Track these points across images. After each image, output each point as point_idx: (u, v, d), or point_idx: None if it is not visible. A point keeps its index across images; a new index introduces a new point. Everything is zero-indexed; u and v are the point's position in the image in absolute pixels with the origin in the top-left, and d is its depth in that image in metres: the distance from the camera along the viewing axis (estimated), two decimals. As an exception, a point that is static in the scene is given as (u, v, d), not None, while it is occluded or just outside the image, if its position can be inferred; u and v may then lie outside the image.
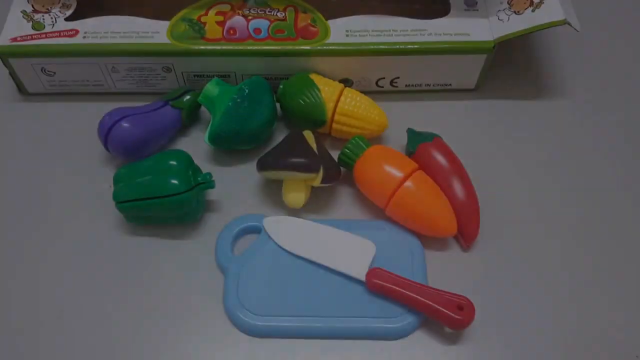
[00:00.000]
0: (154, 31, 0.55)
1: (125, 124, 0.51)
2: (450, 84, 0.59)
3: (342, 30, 0.55)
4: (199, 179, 0.49)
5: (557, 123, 0.58)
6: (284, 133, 0.57)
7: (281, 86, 0.55)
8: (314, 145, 0.50)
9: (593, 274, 0.49)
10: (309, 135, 0.52)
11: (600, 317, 0.47)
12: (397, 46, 0.55)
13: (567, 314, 0.47)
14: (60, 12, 0.57)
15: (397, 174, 0.49)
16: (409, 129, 0.54)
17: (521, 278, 0.49)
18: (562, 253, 0.50)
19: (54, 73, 0.57)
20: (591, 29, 0.64)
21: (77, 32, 0.55)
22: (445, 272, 0.49)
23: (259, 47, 0.54)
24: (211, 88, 0.53)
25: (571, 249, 0.50)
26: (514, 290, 0.48)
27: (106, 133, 0.51)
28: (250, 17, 0.56)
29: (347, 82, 0.57)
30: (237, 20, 0.56)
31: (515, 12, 0.55)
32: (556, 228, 0.52)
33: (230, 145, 0.53)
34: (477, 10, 0.57)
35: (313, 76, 0.55)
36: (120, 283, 0.48)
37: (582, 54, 0.63)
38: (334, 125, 0.54)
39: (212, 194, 0.53)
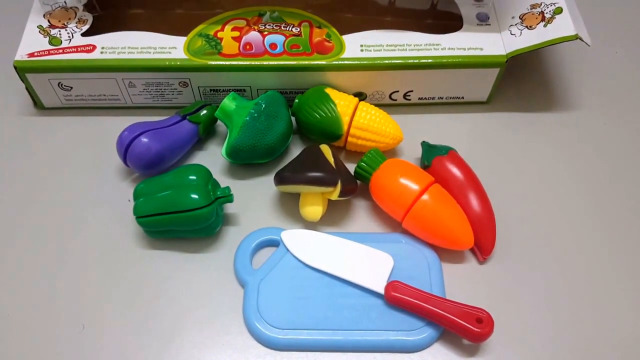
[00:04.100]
0: (171, 46, 0.55)
1: (144, 139, 0.51)
2: (463, 97, 0.60)
3: (357, 45, 0.56)
4: (218, 193, 0.49)
5: (570, 135, 0.59)
6: (299, 147, 0.58)
7: (297, 100, 0.56)
8: (331, 159, 0.51)
9: (611, 285, 0.50)
10: (326, 149, 0.52)
11: (618, 330, 0.47)
12: (411, 60, 0.55)
13: (585, 326, 0.48)
14: (76, 27, 0.57)
15: (414, 187, 0.50)
16: (423, 142, 0.55)
17: (538, 290, 0.49)
18: (578, 264, 0.51)
19: (71, 88, 0.57)
20: (601, 42, 0.65)
21: (94, 47, 0.56)
22: (463, 284, 0.49)
23: (275, 62, 0.55)
24: (228, 103, 0.54)
25: (588, 260, 0.51)
26: (531, 303, 0.49)
27: (125, 148, 0.52)
28: (266, 33, 0.57)
29: (360, 96, 0.57)
30: (253, 35, 0.56)
31: (527, 26, 0.56)
32: (572, 239, 0.52)
33: (247, 159, 0.54)
34: (490, 25, 0.58)
35: (328, 90, 0.55)
36: (141, 297, 0.49)
37: (593, 67, 0.64)
38: (350, 139, 0.55)
39: (230, 208, 0.53)
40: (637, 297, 0.49)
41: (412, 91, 0.59)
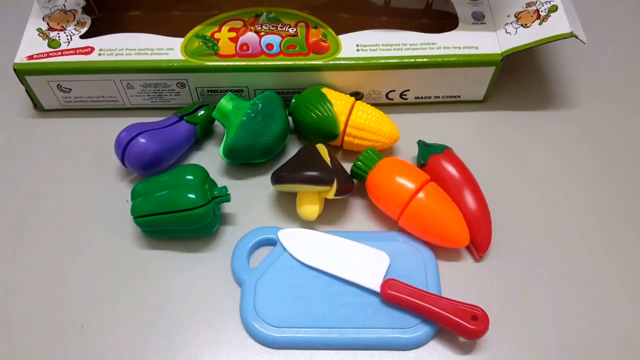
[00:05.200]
0: (168, 48, 0.56)
1: (142, 140, 0.52)
2: (459, 96, 0.60)
3: (353, 44, 0.56)
4: (215, 192, 0.50)
5: (566, 133, 0.59)
6: (296, 146, 0.58)
7: (294, 100, 0.56)
8: (327, 159, 0.51)
9: (606, 283, 0.50)
10: (322, 148, 0.52)
11: (614, 326, 0.47)
12: (407, 60, 0.56)
13: (580, 323, 0.48)
14: (75, 29, 0.58)
15: (410, 185, 0.50)
16: (419, 140, 0.55)
17: (534, 287, 0.49)
18: (573, 262, 0.51)
19: (70, 90, 0.58)
20: (598, 40, 0.65)
21: (92, 49, 0.56)
22: (458, 282, 0.49)
23: (272, 63, 0.55)
24: (225, 103, 0.54)
25: (583, 258, 0.51)
26: (526, 300, 0.49)
27: (123, 149, 0.52)
28: (262, 33, 0.57)
29: (357, 95, 0.58)
30: (250, 36, 0.57)
31: (522, 25, 0.56)
32: (567, 237, 0.52)
33: (244, 159, 0.54)
34: (485, 23, 0.58)
35: (325, 90, 0.56)
36: (138, 296, 0.49)
37: (589, 64, 0.64)
38: (346, 138, 0.55)
39: (227, 207, 0.54)
40: (634, 295, 0.49)
41: (408, 90, 0.59)
